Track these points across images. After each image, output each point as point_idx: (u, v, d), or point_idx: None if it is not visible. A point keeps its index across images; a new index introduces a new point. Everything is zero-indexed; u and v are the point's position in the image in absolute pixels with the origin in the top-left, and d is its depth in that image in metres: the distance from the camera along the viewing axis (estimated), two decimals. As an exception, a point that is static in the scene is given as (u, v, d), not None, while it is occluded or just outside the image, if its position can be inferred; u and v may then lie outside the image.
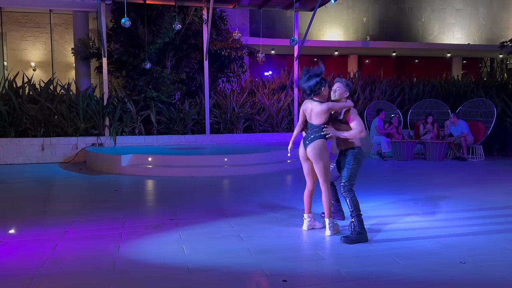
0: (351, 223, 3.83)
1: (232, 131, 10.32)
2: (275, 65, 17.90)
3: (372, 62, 19.32)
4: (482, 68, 20.79)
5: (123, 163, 7.61)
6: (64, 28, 14.49)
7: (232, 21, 12.36)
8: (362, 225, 3.80)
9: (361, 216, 3.84)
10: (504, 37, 17.84)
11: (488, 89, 11.48)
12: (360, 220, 3.81)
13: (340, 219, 4.43)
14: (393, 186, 6.41)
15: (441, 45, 18.24)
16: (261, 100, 10.79)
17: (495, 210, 4.90)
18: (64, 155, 9.01)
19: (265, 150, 8.40)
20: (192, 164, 7.61)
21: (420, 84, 12.32)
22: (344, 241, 3.73)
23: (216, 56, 11.31)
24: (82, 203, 5.50)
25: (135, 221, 4.45)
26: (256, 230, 4.14)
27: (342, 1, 18.07)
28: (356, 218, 3.81)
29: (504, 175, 7.45)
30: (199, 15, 10.47)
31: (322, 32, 18.08)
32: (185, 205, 5.20)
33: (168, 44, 10.32)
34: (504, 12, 20.01)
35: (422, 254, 3.49)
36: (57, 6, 12.43)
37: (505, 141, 10.12)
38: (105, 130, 9.34)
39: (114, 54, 10.09)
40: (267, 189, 6.24)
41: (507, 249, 3.60)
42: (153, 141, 9.59)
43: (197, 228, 4.21)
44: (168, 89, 10.17)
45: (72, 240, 3.85)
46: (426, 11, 19.18)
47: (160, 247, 3.65)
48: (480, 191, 6.04)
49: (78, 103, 9.22)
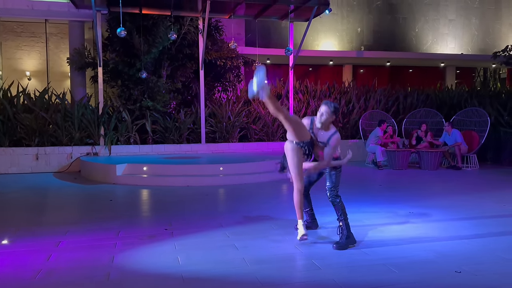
0: (339, 227, 3.97)
1: (227, 140, 10.33)
2: (270, 75, 17.98)
3: (366, 71, 19.46)
4: (475, 77, 21.00)
5: (118, 173, 7.57)
6: (60, 38, 14.50)
7: (228, 31, 12.43)
8: (349, 228, 3.97)
9: (348, 220, 4.00)
10: (496, 47, 18.06)
11: (482, 98, 11.58)
12: (347, 224, 3.97)
13: (314, 228, 4.48)
14: (388, 195, 6.42)
15: (435, 55, 18.44)
16: (256, 109, 10.82)
17: (490, 219, 4.92)
18: (59, 164, 8.97)
19: (261, 159, 8.41)
20: (187, 173, 7.59)
21: (414, 93, 12.42)
22: (336, 248, 3.82)
23: (211, 66, 11.36)
24: (76, 213, 5.47)
25: (129, 231, 4.42)
26: (252, 239, 4.12)
27: (337, 11, 18.25)
28: (344, 222, 3.96)
29: (498, 183, 7.49)
30: (195, 25, 10.53)
31: (317, 42, 18.22)
32: (180, 215, 5.17)
33: (164, 53, 10.36)
34: (497, 23, 20.28)
35: (418, 264, 3.48)
36: (53, 16, 12.46)
37: (499, 150, 10.20)
38: (100, 139, 9.31)
39: (109, 63, 10.11)
40: (263, 199, 6.23)
41: (502, 258, 3.61)
42: (148, 150, 9.57)
43: (192, 238, 4.19)
44: (163, 98, 10.18)
45: (66, 250, 3.81)
46: (419, 21, 19.41)
47: (154, 258, 3.62)
48: (474, 200, 6.06)
49: (73, 112, 9.20)
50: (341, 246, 3.84)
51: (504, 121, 10.29)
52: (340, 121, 11.33)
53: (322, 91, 12.22)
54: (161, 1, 9.12)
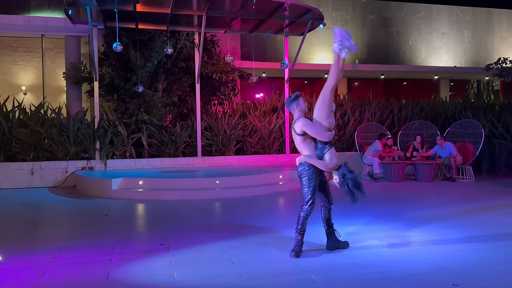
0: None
1: (223, 153, 10.33)
2: (266, 88, 18.07)
3: (361, 84, 19.61)
4: (469, 90, 21.21)
5: (113, 187, 7.53)
6: (56, 53, 14.55)
7: (224, 45, 12.53)
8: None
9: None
10: (489, 60, 18.27)
11: (476, 110, 11.68)
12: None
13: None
14: (385, 208, 6.42)
15: (429, 67, 18.63)
16: (252, 122, 10.85)
17: (487, 231, 4.92)
18: (54, 179, 8.91)
19: (257, 172, 8.40)
20: (183, 187, 7.56)
21: (409, 106, 12.51)
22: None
23: (207, 79, 11.42)
24: (71, 229, 5.42)
25: (125, 247, 4.38)
26: (248, 254, 4.10)
27: (331, 25, 18.45)
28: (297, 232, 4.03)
29: (494, 195, 7.50)
30: (191, 39, 10.61)
31: (311, 55, 18.38)
32: (176, 229, 5.14)
33: (160, 67, 10.41)
34: (489, 36, 20.58)
35: (415, 276, 3.47)
36: (49, 31, 12.52)
37: (493, 161, 10.25)
38: (95, 153, 9.29)
39: (105, 77, 10.14)
40: (259, 212, 6.21)
41: (500, 271, 3.60)
42: (144, 164, 9.54)
43: (188, 252, 4.16)
44: (159, 112, 10.20)
45: (60, 266, 3.77)
46: (413, 34, 19.66)
47: (150, 273, 3.59)
48: (471, 211, 6.06)
49: (68, 126, 9.19)
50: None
51: (498, 133, 10.37)
52: (336, 134, 11.37)
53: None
54: (157, 16, 9.21)
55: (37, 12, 13.33)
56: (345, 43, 3.92)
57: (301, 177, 3.99)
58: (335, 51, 3.94)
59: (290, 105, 4.08)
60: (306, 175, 3.95)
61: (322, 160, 3.96)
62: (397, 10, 19.46)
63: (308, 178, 3.95)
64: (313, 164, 3.94)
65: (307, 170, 3.96)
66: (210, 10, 8.81)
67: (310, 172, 3.95)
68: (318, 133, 3.95)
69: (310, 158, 3.95)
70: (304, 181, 3.97)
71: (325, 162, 3.95)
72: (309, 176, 3.94)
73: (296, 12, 9.32)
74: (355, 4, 18.97)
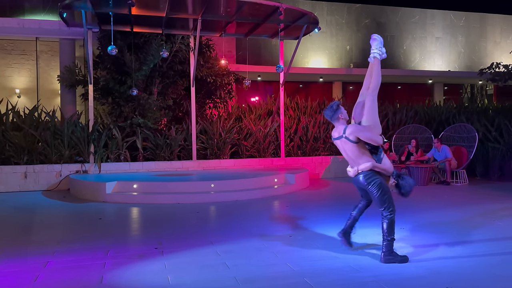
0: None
1: (219, 156, 10.31)
2: (261, 91, 18.11)
3: (356, 88, 19.67)
4: (463, 94, 21.37)
5: (107, 191, 7.50)
6: (51, 55, 14.50)
7: (219, 49, 12.55)
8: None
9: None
10: (482, 64, 18.44)
11: (470, 114, 11.76)
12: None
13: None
14: (379, 211, 6.41)
15: (423, 72, 18.75)
16: (247, 126, 10.85)
17: (481, 234, 4.94)
18: (48, 183, 8.85)
19: (252, 176, 8.39)
20: (178, 190, 7.54)
21: (403, 109, 12.56)
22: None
23: (203, 83, 11.41)
24: (64, 233, 5.38)
25: (119, 251, 4.36)
26: (243, 258, 4.09)
27: (326, 30, 18.55)
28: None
29: (487, 199, 7.55)
30: (186, 42, 10.61)
31: (307, 59, 18.45)
32: (170, 233, 5.12)
33: (155, 71, 10.40)
34: (482, 41, 20.77)
35: (409, 280, 3.48)
36: (44, 34, 12.49)
37: (487, 165, 10.31)
38: (90, 157, 9.24)
39: (100, 81, 10.11)
40: (254, 215, 6.20)
41: (493, 274, 3.62)
42: (139, 167, 9.50)
43: (182, 256, 4.14)
44: (154, 115, 10.17)
45: (53, 271, 3.74)
46: (407, 39, 19.80)
47: (144, 277, 3.57)
48: (465, 215, 6.09)
49: (63, 130, 9.14)
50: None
51: (492, 137, 10.44)
52: (330, 137, 11.38)
53: (313, 108, 12.31)
54: (153, 20, 9.20)
55: (32, 15, 13.29)
56: (383, 49, 4.12)
57: (370, 186, 3.91)
58: (378, 57, 4.07)
59: (334, 115, 3.99)
60: (376, 182, 3.89)
61: (382, 165, 3.95)
62: (391, 15, 19.61)
63: (380, 185, 3.89)
64: (379, 169, 3.91)
65: (375, 178, 3.90)
66: (205, 13, 8.82)
67: (378, 179, 3.91)
68: (372, 137, 3.89)
69: (376, 164, 3.91)
70: (376, 189, 3.89)
71: (385, 166, 3.95)
72: (379, 183, 3.89)
73: (291, 16, 9.35)
74: (349, 9, 19.09)
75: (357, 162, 3.95)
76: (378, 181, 3.90)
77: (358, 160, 3.95)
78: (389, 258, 3.88)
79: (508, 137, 10.21)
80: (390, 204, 3.93)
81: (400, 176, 3.99)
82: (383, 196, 3.89)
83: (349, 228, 4.30)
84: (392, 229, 3.93)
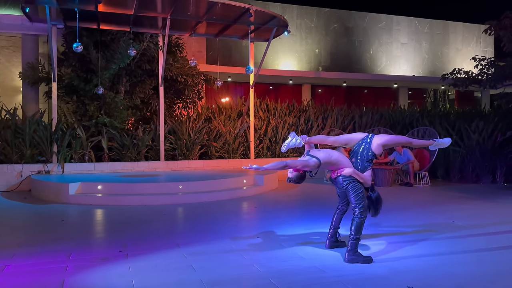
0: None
1: (187, 157, 10.22)
2: (232, 92, 18.10)
3: (324, 91, 20.01)
4: (426, 98, 22.12)
5: (70, 192, 7.28)
6: (12, 51, 13.94)
7: (189, 48, 12.44)
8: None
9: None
10: (445, 70, 19.17)
11: (432, 118, 12.18)
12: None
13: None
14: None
15: (388, 76, 19.27)
16: (217, 127, 10.81)
17: (440, 234, 5.13)
18: (7, 183, 8.51)
19: (221, 177, 8.37)
20: (144, 192, 7.42)
21: (369, 113, 12.88)
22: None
23: (172, 82, 11.28)
24: (24, 235, 5.18)
25: (81, 254, 4.24)
26: (210, 260, 4.07)
27: (296, 33, 18.76)
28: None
29: (447, 200, 7.84)
30: (155, 41, 10.46)
31: (277, 61, 18.58)
32: (135, 235, 5.03)
33: (123, 69, 10.18)
34: (445, 47, 21.57)
35: (373, 280, 3.56)
36: (4, 29, 11.97)
37: (448, 168, 10.71)
38: (52, 157, 8.95)
39: (64, 78, 9.80)
40: (222, 217, 6.18)
41: (451, 273, 3.76)
42: (104, 168, 9.28)
43: (147, 259, 4.08)
44: (121, 115, 9.96)
45: (12, 275, 3.59)
46: (374, 44, 20.30)
47: (107, 281, 3.49)
48: (426, 216, 6.30)
49: (24, 128, 8.81)
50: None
51: (453, 140, 10.85)
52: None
53: (282, 109, 12.42)
54: (120, 17, 9.01)
55: (-8, 8, 12.72)
56: (297, 140, 4.31)
57: (348, 185, 4.11)
58: (303, 142, 4.31)
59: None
60: (354, 183, 4.11)
61: (363, 175, 4.16)
62: (359, 20, 20.05)
63: (358, 185, 4.11)
64: (359, 178, 4.12)
65: (353, 180, 4.12)
66: (174, 12, 8.73)
67: (357, 181, 4.13)
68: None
69: (357, 172, 4.13)
70: (353, 189, 4.09)
71: (366, 178, 4.17)
72: (356, 183, 4.11)
73: (261, 19, 9.40)
74: (319, 13, 19.38)
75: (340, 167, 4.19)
76: (356, 182, 4.12)
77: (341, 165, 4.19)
78: (353, 258, 3.98)
79: (467, 140, 10.65)
80: (364, 205, 4.10)
81: (373, 190, 4.26)
82: (358, 194, 4.09)
83: (332, 237, 4.49)
84: (360, 230, 4.10)
